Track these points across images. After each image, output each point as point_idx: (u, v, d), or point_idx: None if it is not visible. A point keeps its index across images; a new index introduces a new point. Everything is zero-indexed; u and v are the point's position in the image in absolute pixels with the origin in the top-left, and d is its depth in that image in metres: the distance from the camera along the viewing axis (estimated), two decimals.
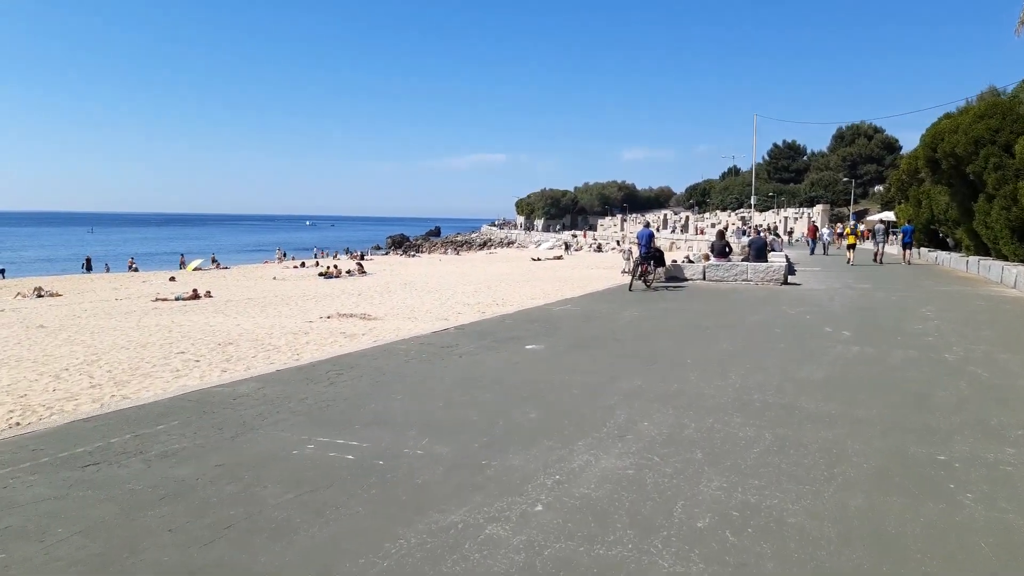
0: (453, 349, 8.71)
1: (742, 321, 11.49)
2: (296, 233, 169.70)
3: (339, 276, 41.12)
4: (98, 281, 41.62)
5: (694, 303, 14.11)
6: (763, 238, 19.86)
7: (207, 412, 5.81)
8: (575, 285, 30.34)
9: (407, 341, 9.34)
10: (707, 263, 18.57)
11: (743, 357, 8.34)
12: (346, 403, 6.08)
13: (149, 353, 13.84)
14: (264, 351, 13.79)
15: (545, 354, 8.44)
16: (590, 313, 12.55)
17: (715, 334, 10.12)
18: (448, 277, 37.68)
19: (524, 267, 47.35)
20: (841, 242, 36.61)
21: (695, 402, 6.22)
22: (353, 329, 16.94)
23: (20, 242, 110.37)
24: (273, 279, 40.65)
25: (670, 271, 18.49)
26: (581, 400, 6.26)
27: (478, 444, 5.01)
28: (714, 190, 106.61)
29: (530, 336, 9.76)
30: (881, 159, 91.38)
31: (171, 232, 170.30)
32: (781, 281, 17.57)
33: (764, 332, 10.33)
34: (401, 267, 50.04)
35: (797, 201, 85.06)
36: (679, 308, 13.28)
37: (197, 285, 35.93)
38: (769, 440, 5.17)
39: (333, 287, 33.21)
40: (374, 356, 8.25)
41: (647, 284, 17.11)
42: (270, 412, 5.79)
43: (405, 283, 33.73)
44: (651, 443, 5.07)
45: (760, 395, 6.50)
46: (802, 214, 70.85)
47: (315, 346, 14.36)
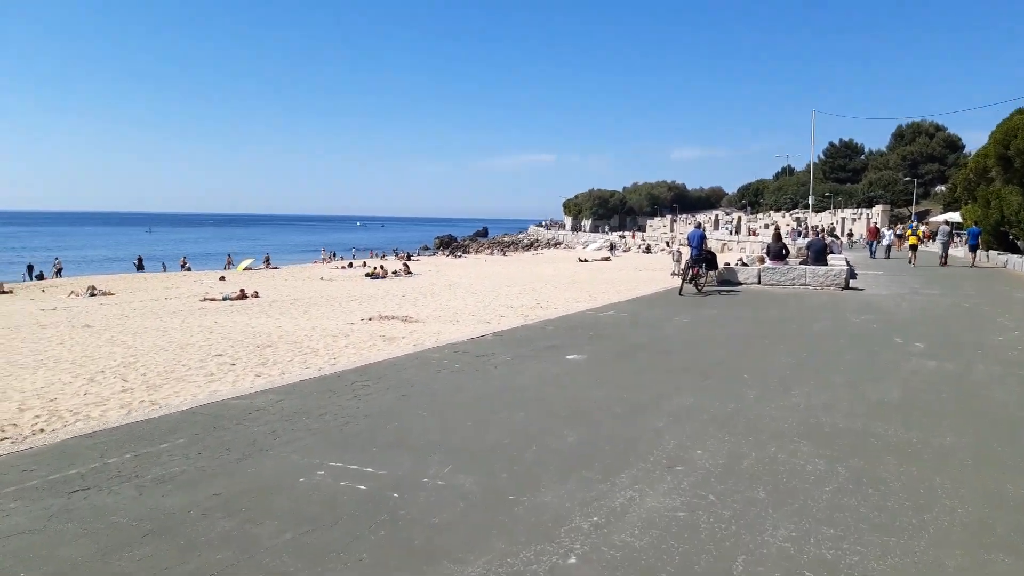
0: (489, 359, 8.15)
1: (802, 330, 10.68)
2: (347, 234, 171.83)
3: (385, 277, 41.05)
4: (151, 280, 42.36)
5: (749, 309, 13.30)
6: (822, 240, 18.85)
7: (218, 428, 5.37)
8: (622, 288, 29.54)
9: (441, 349, 8.83)
10: (762, 266, 17.68)
11: (806, 372, 7.59)
12: (366, 421, 5.57)
13: (187, 355, 13.65)
14: (301, 354, 13.47)
15: (587, 366, 7.82)
16: (637, 319, 11.87)
17: (773, 344, 9.36)
18: (492, 278, 37.23)
19: (570, 269, 46.61)
20: (903, 244, 34.99)
21: (754, 425, 5.54)
22: (393, 332, 16.54)
23: (82, 241, 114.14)
24: (320, 279, 40.78)
25: (723, 274, 17.64)
26: (625, 421, 5.64)
27: (507, 474, 4.43)
28: (767, 190, 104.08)
29: (572, 344, 9.16)
30: (943, 158, 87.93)
31: (226, 232, 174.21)
32: (842, 286, 16.58)
33: (827, 343, 9.52)
34: (447, 268, 49.81)
35: (854, 202, 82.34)
36: (733, 314, 12.51)
37: (245, 285, 36.19)
38: (843, 476, 4.48)
39: (378, 288, 33.06)
40: (404, 366, 7.75)
41: (698, 288, 16.31)
42: (284, 430, 5.32)
43: (449, 284, 33.38)
44: (705, 477, 4.43)
45: (828, 418, 5.78)
46: (860, 215, 68.48)
47: (353, 349, 13.99)
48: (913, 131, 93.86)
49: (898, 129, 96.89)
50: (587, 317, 12.17)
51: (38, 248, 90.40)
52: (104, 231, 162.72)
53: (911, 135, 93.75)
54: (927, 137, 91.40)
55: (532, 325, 11.14)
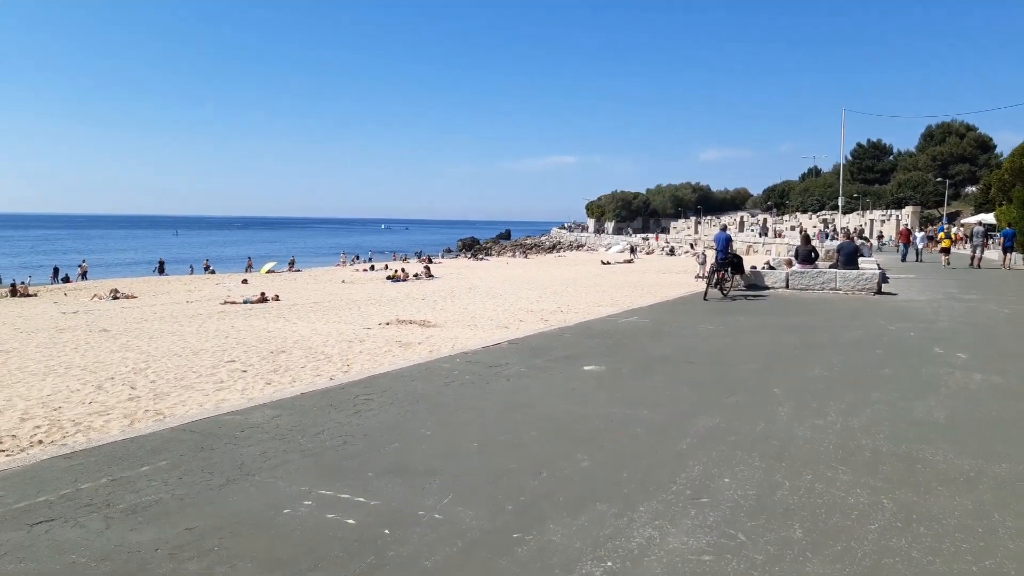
0: (501, 369, 7.73)
1: (835, 339, 10.12)
2: (371, 236, 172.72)
3: (406, 280, 40.82)
4: (174, 283, 42.52)
5: (777, 316, 12.74)
6: (853, 243, 18.17)
7: (205, 448, 5.00)
8: (645, 291, 28.97)
9: (452, 359, 8.41)
10: (790, 270, 17.06)
11: (842, 386, 7.06)
12: (365, 441, 5.17)
13: (199, 361, 13.40)
14: (315, 361, 13.15)
15: (605, 378, 7.36)
16: (659, 326, 11.38)
17: (805, 355, 8.83)
18: (513, 282, 36.81)
19: (592, 271, 46.05)
20: (935, 246, 33.97)
21: (787, 449, 5.05)
22: (410, 337, 16.19)
23: (111, 244, 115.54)
24: (342, 282, 40.65)
25: (749, 278, 17.06)
26: (645, 443, 5.18)
27: (512, 506, 4.00)
28: (793, 191, 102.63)
29: (590, 354, 8.70)
30: (974, 158, 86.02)
31: (252, 235, 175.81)
32: (875, 290, 15.93)
33: (863, 353, 8.97)
34: (468, 271, 49.48)
35: (883, 203, 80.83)
36: (760, 322, 11.96)
37: (266, 288, 36.12)
38: (890, 511, 3.99)
39: (399, 291, 32.80)
40: (412, 377, 7.35)
41: (724, 293, 15.76)
42: (275, 451, 4.94)
43: (470, 287, 33.02)
44: (734, 511, 3.96)
45: (869, 441, 5.27)
46: (889, 216, 67.12)
47: (367, 356, 13.65)
48: (943, 131, 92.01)
49: (927, 129, 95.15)
50: (607, 324, 11.70)
51: (68, 251, 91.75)
52: (133, 234, 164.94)
53: (941, 135, 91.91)
54: (957, 137, 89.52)
55: (549, 332, 10.69)
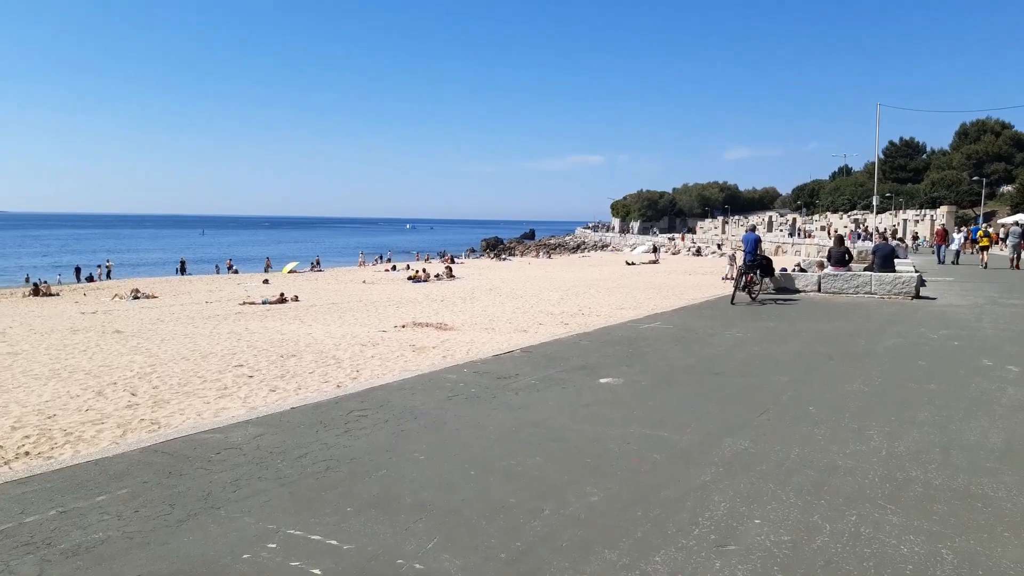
0: (511, 381, 7.18)
1: (873, 348, 9.42)
2: (396, 236, 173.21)
3: (427, 280, 40.44)
4: (196, 283, 42.54)
5: (810, 321, 12.04)
6: (890, 244, 17.34)
7: (174, 474, 4.51)
8: (669, 293, 28.24)
9: (459, 368, 7.88)
10: (823, 272, 16.30)
11: (884, 404, 6.41)
12: (350, 467, 4.65)
13: (207, 365, 13.02)
14: (324, 366, 12.72)
15: (623, 392, 6.78)
16: (683, 332, 10.75)
17: (841, 367, 8.16)
18: (535, 282, 36.24)
19: (616, 272, 45.31)
20: (971, 247, 32.73)
21: (827, 481, 4.44)
22: (424, 341, 15.70)
23: (139, 243, 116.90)
24: (363, 283, 40.39)
25: (779, 281, 16.33)
26: (665, 472, 4.60)
27: (506, 553, 3.45)
28: (823, 191, 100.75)
29: (608, 364, 8.12)
30: (1010, 157, 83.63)
31: (279, 234, 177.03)
32: (912, 295, 15.12)
33: (904, 365, 8.28)
34: (490, 271, 48.99)
35: (916, 202, 78.93)
36: (792, 328, 11.28)
37: (287, 289, 35.93)
38: (951, 565, 3.37)
39: (419, 292, 32.41)
40: (413, 389, 6.83)
41: (752, 296, 15.06)
42: (249, 478, 4.43)
43: (490, 288, 32.51)
44: (766, 564, 3.37)
45: (919, 471, 4.64)
46: (923, 216, 65.44)
47: (379, 361, 13.19)
48: (978, 129, 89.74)
49: (962, 127, 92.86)
50: (628, 330, 11.09)
51: (98, 250, 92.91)
52: (161, 233, 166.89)
53: (976, 133, 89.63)
54: (993, 135, 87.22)
55: (566, 339, 10.12)
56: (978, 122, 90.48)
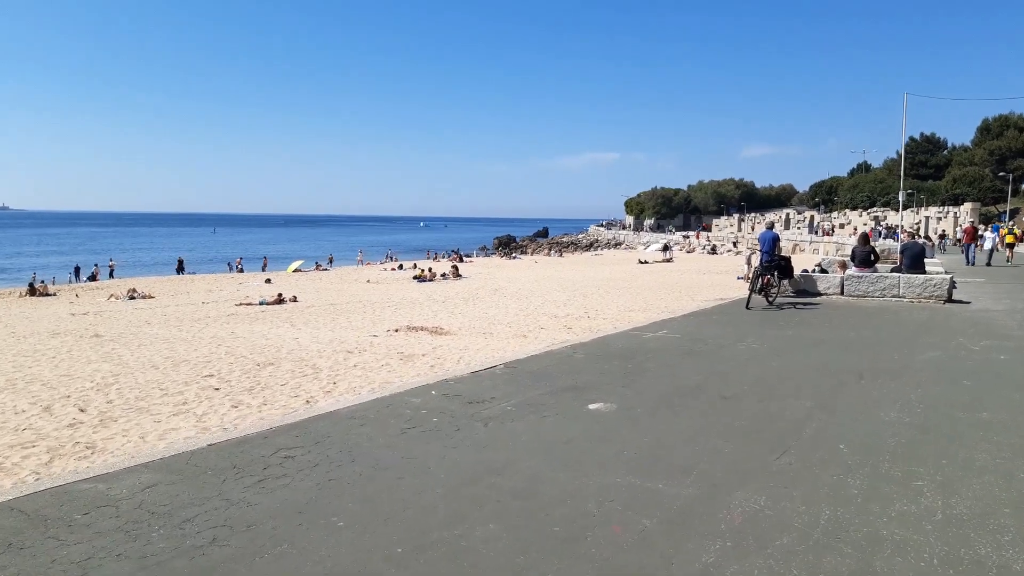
0: (482, 407, 6.09)
1: (908, 362, 8.25)
2: (409, 234, 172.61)
3: (433, 279, 39.44)
4: (198, 282, 41.76)
5: (833, 329, 10.86)
6: (920, 243, 16.06)
7: (12, 547, 3.46)
8: (682, 294, 27.03)
9: (425, 390, 6.80)
10: (846, 273, 15.08)
11: (930, 440, 5.27)
12: (244, 538, 3.57)
13: (175, 375, 12.04)
14: (300, 377, 11.70)
15: (613, 423, 5.67)
16: (692, 343, 9.61)
17: (873, 387, 7.00)
18: (543, 282, 35.11)
19: (628, 271, 44.07)
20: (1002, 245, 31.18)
21: (871, 564, 3.32)
22: (415, 347, 14.65)
23: (153, 242, 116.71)
24: (367, 282, 39.45)
25: (799, 283, 15.14)
26: (655, 547, 3.50)
27: None
28: (842, 188, 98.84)
29: (601, 384, 7.02)
30: None
31: (292, 232, 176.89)
32: (944, 298, 13.88)
33: (947, 386, 7.12)
34: (498, 270, 47.88)
35: (937, 199, 77.04)
36: (813, 336, 10.11)
37: (289, 289, 35.05)
38: None
39: (422, 292, 31.39)
40: (364, 419, 5.75)
41: (769, 300, 13.88)
42: (105, 556, 3.38)
43: (496, 289, 31.43)
44: None
45: (990, 548, 3.51)
46: (946, 213, 63.69)
47: (360, 371, 12.16)
48: (1001, 124, 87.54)
49: (984, 122, 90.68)
50: (630, 340, 9.97)
51: (113, 249, 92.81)
52: (177, 232, 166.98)
53: (998, 128, 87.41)
54: (1016, 130, 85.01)
55: (558, 351, 9.01)
56: (1001, 117, 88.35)
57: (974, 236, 27.40)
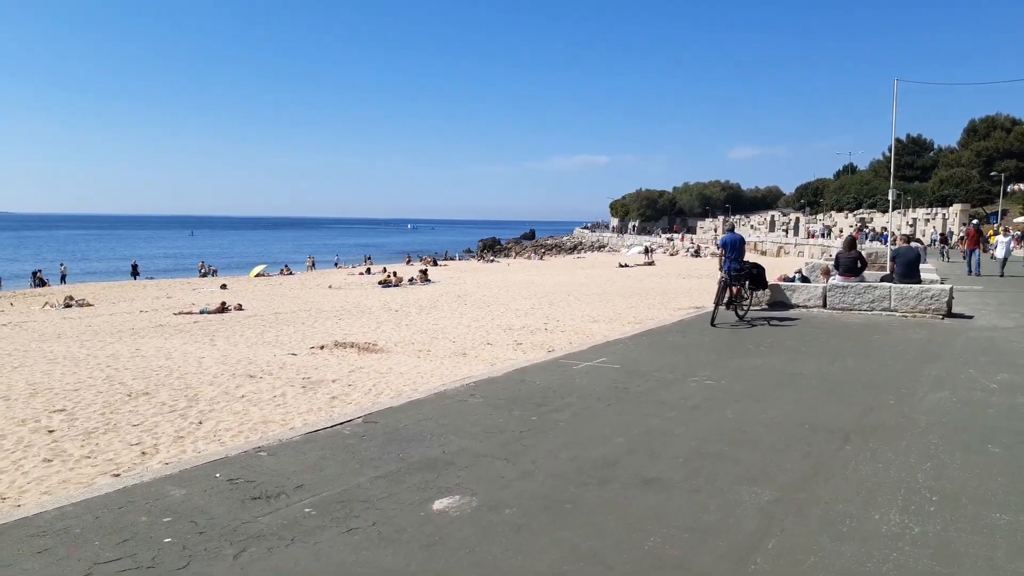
0: (266, 509, 3.99)
1: (908, 412, 6.21)
2: (396, 237, 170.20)
3: (398, 285, 37.32)
4: (150, 288, 39.40)
5: (812, 357, 8.82)
6: (915, 248, 14.06)
7: None
8: (655, 301, 25.03)
9: (203, 472, 4.66)
10: (829, 283, 13.09)
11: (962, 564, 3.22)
12: None
13: (18, 410, 10.01)
14: (165, 413, 9.65)
15: (459, 542, 3.59)
16: (630, 378, 7.54)
17: (863, 462, 4.94)
18: (514, 287, 33.05)
19: (605, 275, 42.07)
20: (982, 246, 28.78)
21: None
22: (328, 371, 12.54)
23: (136, 244, 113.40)
24: (329, 287, 37.27)
25: (774, 294, 13.13)
26: None
27: None
28: (827, 189, 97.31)
29: (477, 455, 4.95)
30: (1022, 154, 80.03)
31: (275, 235, 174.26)
32: (943, 312, 11.89)
33: (968, 455, 5.07)
34: (472, 274, 45.73)
35: (924, 201, 75.46)
36: (786, 369, 8.06)
37: (244, 295, 32.89)
38: None
39: (381, 298, 29.28)
40: (49, 538, 3.64)
41: (739, 315, 11.86)
42: None
43: (460, 295, 29.36)
44: None
45: None
46: (935, 214, 62.13)
47: (244, 404, 10.11)
48: (987, 125, 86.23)
49: (971, 123, 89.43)
50: (551, 374, 7.87)
51: (90, 251, 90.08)
52: (160, 234, 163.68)
53: (985, 130, 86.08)
54: (1003, 131, 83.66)
55: (451, 392, 6.89)
56: (987, 118, 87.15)
57: (978, 240, 23.47)
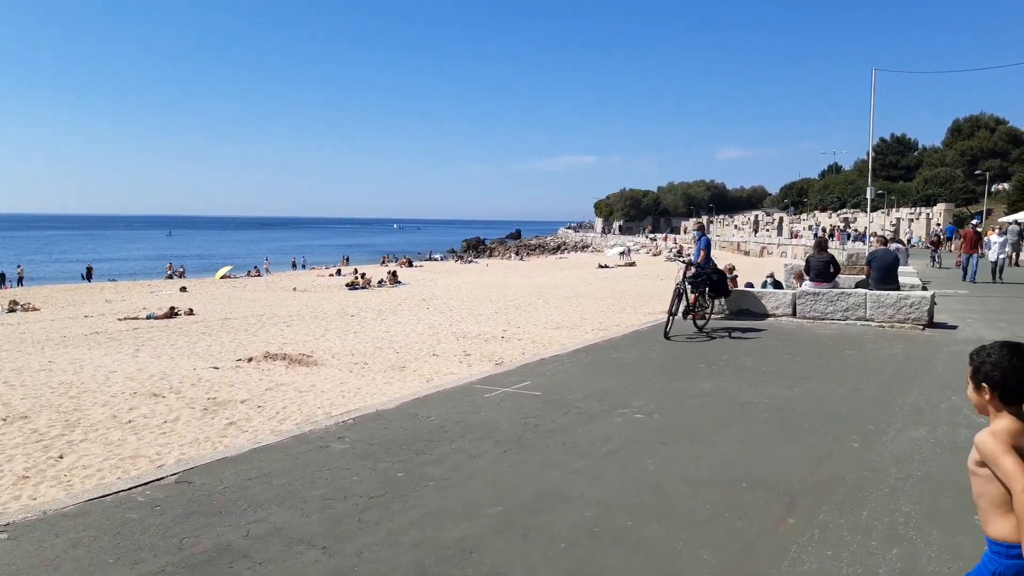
0: None
1: (874, 459, 5.00)
2: (382, 237, 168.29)
3: (366, 287, 36.02)
4: (106, 291, 37.83)
5: (770, 379, 7.60)
6: (892, 251, 12.86)
7: None
8: (627, 304, 23.88)
9: None
10: (799, 289, 11.90)
11: None
12: None
13: None
14: (27, 443, 8.38)
15: None
16: (546, 410, 6.29)
17: (808, 547, 3.71)
18: (484, 289, 31.83)
19: (583, 276, 40.89)
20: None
21: None
22: (244, 390, 11.26)
23: (117, 245, 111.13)
24: (294, 290, 35.91)
25: (739, 302, 11.94)
26: None
27: None
28: (812, 189, 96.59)
29: (293, 538, 3.69)
30: (1006, 153, 79.40)
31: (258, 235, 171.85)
32: (924, 322, 10.71)
33: (952, 529, 3.86)
34: (445, 275, 44.41)
35: (908, 200, 74.72)
36: (736, 398, 6.82)
37: (205, 297, 31.55)
38: None
39: (341, 302, 27.93)
40: None
41: (698, 326, 10.64)
42: None
43: (425, 298, 28.07)
44: None
45: None
46: (919, 214, 61.36)
47: (123, 434, 8.85)
48: (972, 125, 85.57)
49: (955, 123, 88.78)
50: (458, 403, 6.61)
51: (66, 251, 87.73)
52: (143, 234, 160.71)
53: (969, 129, 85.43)
54: (988, 131, 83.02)
55: (315, 434, 5.57)
56: (971, 118, 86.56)
57: (976, 243, 19.67)
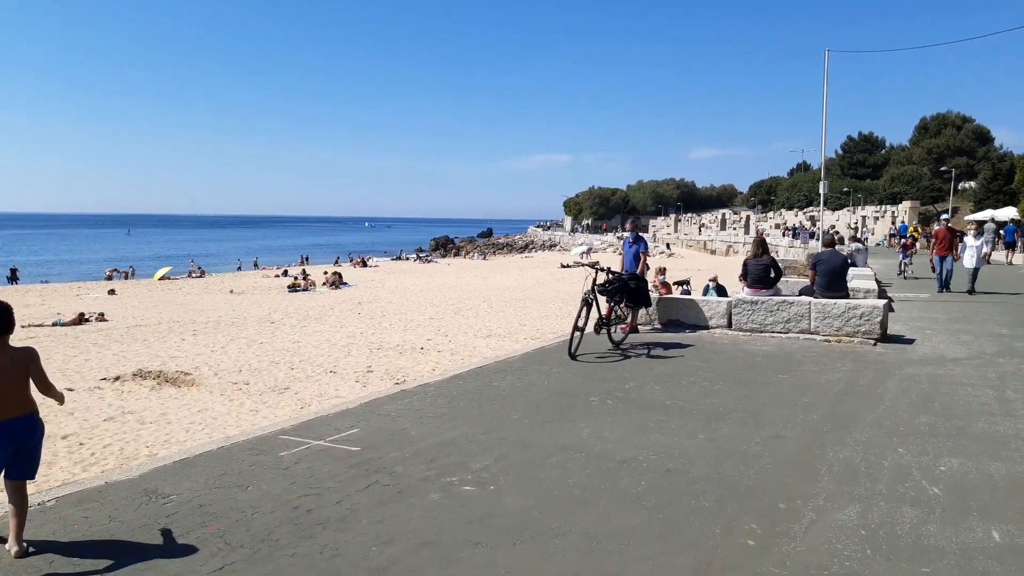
0: None
1: (780, 558, 3.41)
2: (351, 235, 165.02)
3: (308, 289, 34.14)
4: (31, 294, 35.30)
5: (676, 418, 6.00)
6: (841, 253, 11.34)
7: None
8: (573, 308, 22.20)
9: None
10: (737, 297, 10.37)
11: None
12: None
13: None
14: None
15: None
16: (345, 482, 4.66)
17: None
18: (430, 292, 30.12)
19: (540, 277, 39.30)
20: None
21: None
22: (77, 419, 9.48)
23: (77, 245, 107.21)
24: (231, 292, 33.90)
25: (667, 312, 10.38)
26: None
27: None
28: (780, 187, 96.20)
29: None
30: (972, 151, 79.38)
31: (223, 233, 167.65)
32: (876, 337, 9.21)
33: None
34: (398, 276, 42.55)
35: (875, 198, 74.31)
36: (619, 451, 5.21)
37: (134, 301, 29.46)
38: None
39: (272, 306, 26.02)
40: None
41: (613, 340, 9.05)
42: None
43: (360, 302, 26.28)
44: None
45: None
46: (884, 212, 60.72)
47: None
48: (938, 123, 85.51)
49: (922, 121, 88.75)
50: (233, 466, 4.93)
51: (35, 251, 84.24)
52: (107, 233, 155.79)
53: (936, 127, 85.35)
54: (954, 129, 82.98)
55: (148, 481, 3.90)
56: (938, 116, 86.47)
57: (951, 244, 17.04)
